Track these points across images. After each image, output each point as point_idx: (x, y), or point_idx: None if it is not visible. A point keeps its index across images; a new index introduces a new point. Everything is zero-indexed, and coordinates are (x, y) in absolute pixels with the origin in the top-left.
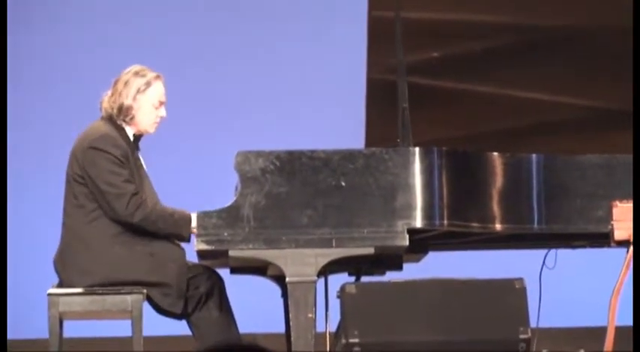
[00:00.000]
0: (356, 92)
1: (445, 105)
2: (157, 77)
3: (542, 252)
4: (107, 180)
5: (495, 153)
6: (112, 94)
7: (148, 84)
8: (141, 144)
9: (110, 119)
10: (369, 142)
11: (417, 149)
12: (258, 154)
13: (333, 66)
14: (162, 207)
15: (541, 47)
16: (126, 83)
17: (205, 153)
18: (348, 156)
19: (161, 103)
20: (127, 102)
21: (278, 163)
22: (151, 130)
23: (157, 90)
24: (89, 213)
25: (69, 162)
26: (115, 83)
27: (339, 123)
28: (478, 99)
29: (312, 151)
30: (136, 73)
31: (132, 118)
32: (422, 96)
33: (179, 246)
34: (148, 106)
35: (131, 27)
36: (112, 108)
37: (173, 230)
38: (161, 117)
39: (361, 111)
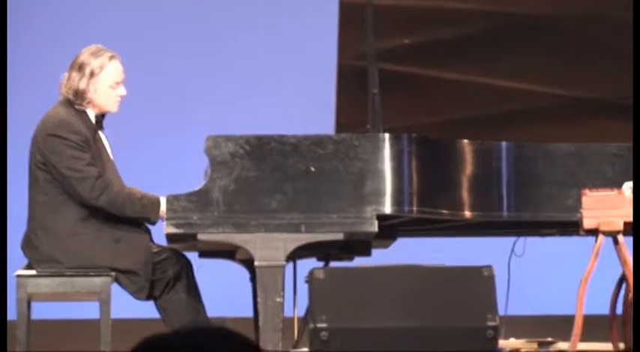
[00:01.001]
0: (326, 78)
1: (416, 92)
2: (112, 57)
3: (511, 239)
4: (69, 166)
5: (465, 141)
6: (68, 79)
7: (102, 66)
8: (108, 125)
9: (69, 103)
10: (339, 128)
11: (386, 135)
12: (228, 139)
13: (304, 51)
14: (130, 191)
15: (513, 35)
16: (80, 67)
17: (175, 138)
18: (318, 141)
19: (117, 83)
20: (82, 86)
21: (248, 147)
22: (113, 109)
23: (112, 70)
24: (52, 200)
25: (30, 148)
26: (71, 67)
27: (309, 108)
28: (449, 86)
29: (282, 136)
30: (91, 55)
31: (89, 102)
32: (393, 83)
33: (145, 231)
34: (104, 88)
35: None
36: (69, 93)
37: (141, 214)
38: (121, 96)
39: (332, 97)
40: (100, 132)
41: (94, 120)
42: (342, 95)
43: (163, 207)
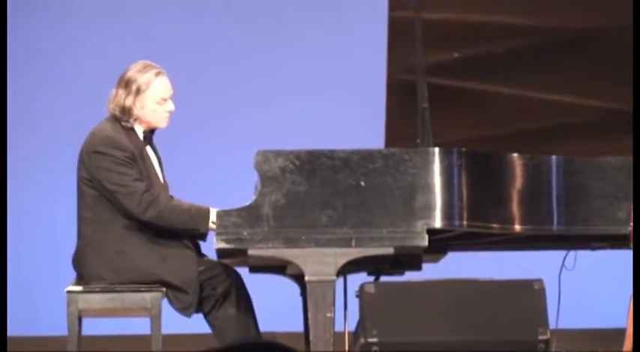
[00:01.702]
0: (376, 92)
1: (465, 106)
2: (159, 73)
3: (561, 253)
4: (115, 182)
5: (515, 155)
6: (115, 95)
7: (148, 83)
8: (159, 141)
9: (115, 119)
10: (388, 142)
11: (436, 149)
12: (278, 154)
13: (353, 66)
14: (177, 203)
15: (563, 49)
16: (127, 83)
17: (225, 152)
18: (368, 156)
19: (164, 100)
20: (128, 103)
21: (298, 162)
22: (162, 125)
23: (159, 87)
24: (98, 216)
25: (78, 164)
26: (118, 83)
27: (358, 123)
28: (498, 100)
29: (332, 151)
30: (137, 72)
31: (136, 119)
32: (442, 97)
33: (192, 249)
34: (151, 105)
35: (143, 23)
36: (116, 110)
37: (189, 225)
38: (169, 112)
39: (381, 112)
40: (148, 148)
41: (141, 136)
42: (391, 109)
43: (213, 218)
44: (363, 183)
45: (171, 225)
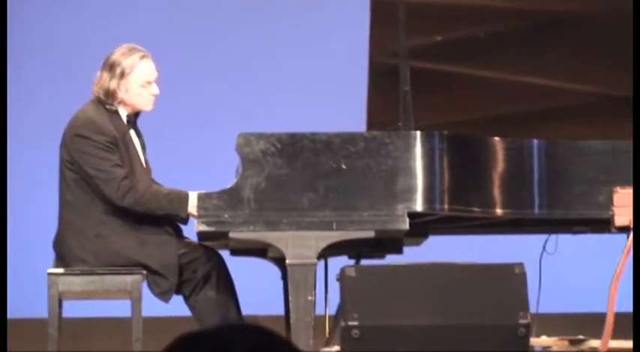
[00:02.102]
0: (358, 75)
1: (447, 89)
2: (143, 56)
3: (542, 237)
4: (95, 166)
5: (497, 138)
6: (100, 78)
7: (132, 66)
8: (141, 124)
9: (99, 101)
10: (370, 125)
11: (418, 133)
12: (260, 136)
13: (334, 49)
14: (157, 188)
15: (545, 32)
16: (111, 66)
17: (206, 136)
18: (350, 139)
19: (149, 83)
20: (112, 86)
21: (279, 145)
22: (147, 108)
23: (143, 70)
24: (78, 200)
25: (60, 146)
26: (103, 65)
27: (341, 106)
28: (481, 84)
29: (314, 134)
30: (122, 55)
31: (120, 102)
32: (424, 81)
33: (172, 233)
34: (135, 88)
35: (129, 12)
36: (100, 93)
37: (169, 210)
38: (154, 95)
39: (363, 95)
40: (132, 132)
41: (125, 120)
42: (373, 93)
43: (192, 202)
44: (344, 166)
45: (151, 211)
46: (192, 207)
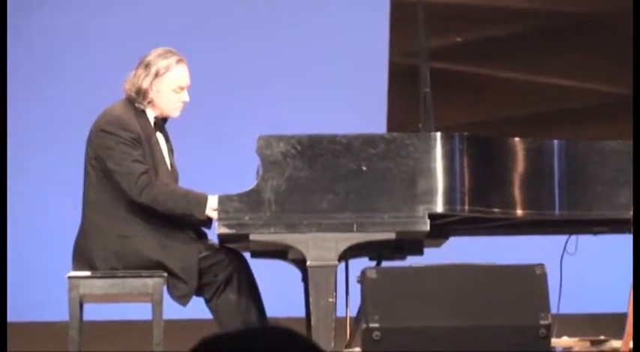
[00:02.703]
0: (378, 76)
1: (467, 90)
2: (180, 61)
3: (563, 237)
4: (117, 161)
5: (517, 139)
6: (134, 76)
7: (168, 68)
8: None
9: (129, 100)
10: (390, 127)
11: (438, 134)
12: (280, 138)
13: (355, 50)
14: (175, 187)
15: (566, 33)
16: (147, 65)
17: (228, 137)
18: (370, 140)
19: (181, 88)
20: (145, 85)
21: (299, 147)
22: (175, 114)
23: (178, 74)
24: (101, 199)
25: (86, 143)
26: (138, 64)
27: (360, 107)
28: (501, 84)
29: (334, 136)
30: (159, 56)
31: (150, 102)
32: (444, 81)
33: (193, 236)
34: (167, 91)
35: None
36: (131, 90)
37: (185, 210)
38: (184, 102)
39: (383, 96)
40: (159, 134)
41: (152, 121)
42: (393, 94)
43: (211, 205)
44: (364, 168)
45: (167, 210)
46: (211, 209)
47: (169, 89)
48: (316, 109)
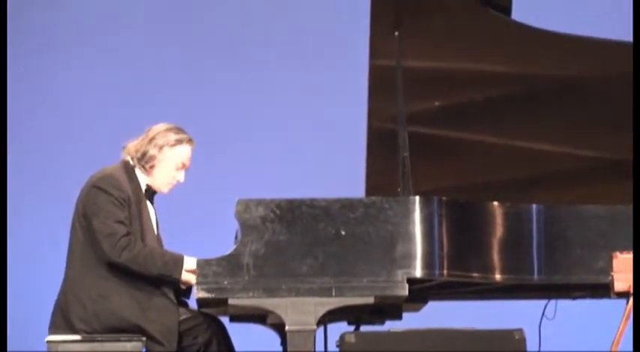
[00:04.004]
0: (357, 140)
1: (446, 154)
2: (190, 140)
3: (542, 302)
4: (101, 219)
5: (496, 203)
6: (142, 139)
7: (180, 141)
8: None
9: (126, 165)
10: (369, 191)
11: (417, 198)
12: (259, 202)
13: (333, 114)
14: (153, 248)
15: (542, 97)
16: (158, 134)
17: (205, 201)
18: (349, 204)
19: (184, 166)
20: (153, 151)
21: (278, 211)
22: (164, 190)
23: (185, 151)
24: (86, 257)
25: (76, 203)
26: (148, 131)
27: (339, 171)
28: (479, 148)
29: (313, 200)
30: (171, 129)
31: (151, 167)
32: (423, 146)
33: (173, 299)
34: (170, 163)
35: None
36: (137, 152)
37: (163, 271)
38: (177, 181)
39: (362, 160)
40: (148, 203)
41: (144, 188)
42: (372, 158)
43: (188, 266)
44: (343, 232)
45: (145, 270)
46: (187, 270)
47: (173, 162)
48: (295, 173)
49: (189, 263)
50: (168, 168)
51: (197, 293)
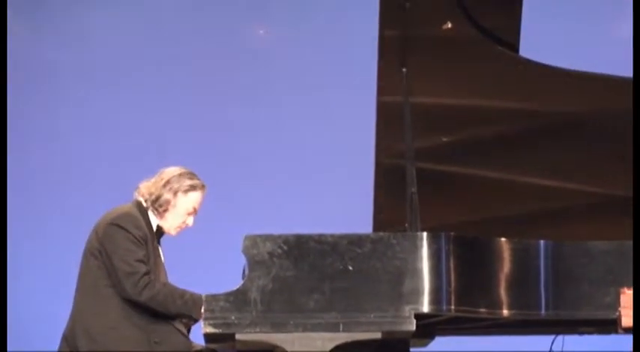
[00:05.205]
0: (364, 176)
1: (454, 190)
2: (203, 187)
3: (549, 337)
4: (122, 257)
5: (503, 239)
6: (156, 182)
7: (194, 188)
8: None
9: (139, 205)
10: (376, 227)
11: (424, 234)
12: (266, 238)
13: (342, 150)
14: (173, 287)
15: (550, 133)
16: (172, 178)
17: (214, 236)
18: (356, 240)
19: (194, 210)
20: (167, 195)
21: (286, 247)
22: (172, 233)
23: (197, 197)
24: (100, 290)
25: (88, 238)
26: (160, 174)
27: (347, 207)
28: (487, 184)
29: (320, 235)
30: (184, 174)
31: (165, 211)
32: (430, 181)
33: (185, 335)
34: (182, 208)
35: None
36: (151, 195)
37: (183, 310)
38: (187, 225)
39: (370, 196)
40: (158, 244)
41: (155, 228)
42: (379, 193)
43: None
44: (350, 268)
45: (165, 309)
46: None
47: (185, 207)
48: (303, 209)
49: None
50: (180, 212)
51: (204, 329)
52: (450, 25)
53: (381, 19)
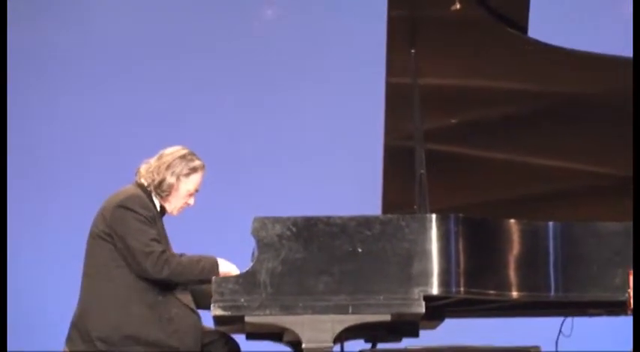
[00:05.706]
0: (373, 158)
1: (463, 171)
2: (203, 167)
3: (558, 319)
4: (137, 238)
5: (512, 220)
6: (156, 167)
7: (195, 170)
8: None
9: (142, 186)
10: (386, 208)
11: (433, 216)
12: (275, 220)
13: (350, 133)
14: (187, 258)
15: (559, 114)
16: (173, 161)
17: (222, 218)
18: (365, 222)
19: (195, 191)
20: (171, 179)
21: (295, 229)
22: (175, 213)
23: (198, 178)
24: (109, 270)
25: (94, 221)
26: (160, 157)
27: (356, 189)
28: (496, 166)
29: (329, 217)
30: (185, 156)
31: (167, 195)
32: (439, 163)
33: (196, 312)
34: (184, 190)
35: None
36: (153, 180)
37: (201, 276)
38: (188, 205)
39: (378, 178)
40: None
41: (158, 208)
42: (388, 175)
43: (222, 268)
44: (360, 250)
45: (186, 280)
46: (223, 272)
47: (186, 189)
48: (312, 191)
49: (223, 265)
50: (182, 195)
51: (214, 311)
52: (458, 6)
53: (390, 0)
